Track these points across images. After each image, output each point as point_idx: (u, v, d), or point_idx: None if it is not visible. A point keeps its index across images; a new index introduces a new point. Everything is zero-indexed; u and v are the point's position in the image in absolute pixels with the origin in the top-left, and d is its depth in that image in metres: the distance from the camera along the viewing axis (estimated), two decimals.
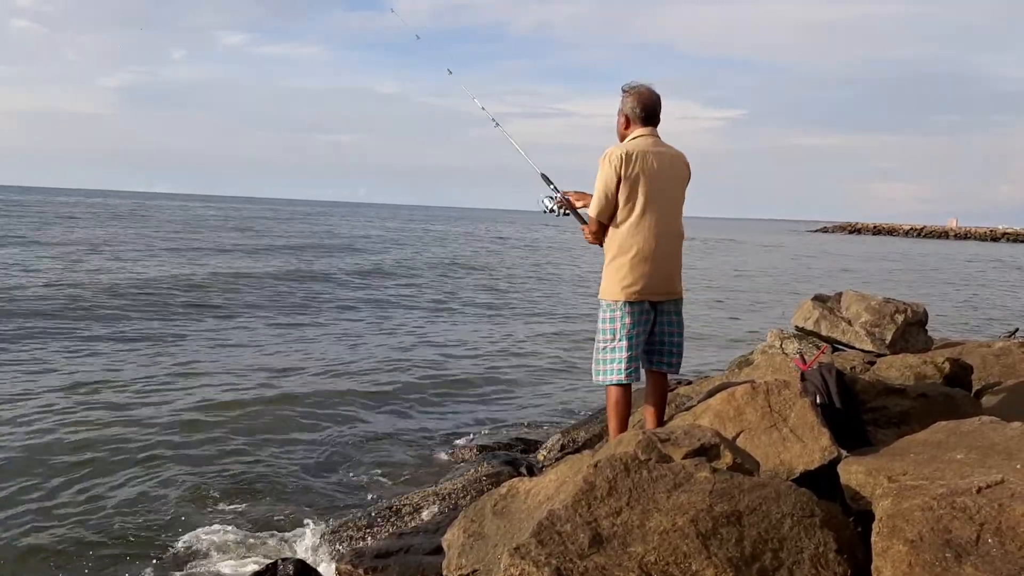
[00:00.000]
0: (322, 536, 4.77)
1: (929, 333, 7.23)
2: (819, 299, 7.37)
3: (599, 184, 4.09)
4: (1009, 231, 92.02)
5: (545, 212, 4.38)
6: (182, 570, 4.66)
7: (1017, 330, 8.27)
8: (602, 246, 4.26)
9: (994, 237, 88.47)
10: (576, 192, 4.42)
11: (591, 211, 4.16)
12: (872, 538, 2.48)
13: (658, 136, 4.20)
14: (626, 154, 4.04)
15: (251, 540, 5.06)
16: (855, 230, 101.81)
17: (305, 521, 5.33)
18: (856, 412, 4.08)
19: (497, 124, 4.81)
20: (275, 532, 5.18)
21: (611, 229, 4.14)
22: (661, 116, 4.25)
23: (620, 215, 4.08)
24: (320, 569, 4.37)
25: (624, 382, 4.13)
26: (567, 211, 4.42)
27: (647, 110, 4.19)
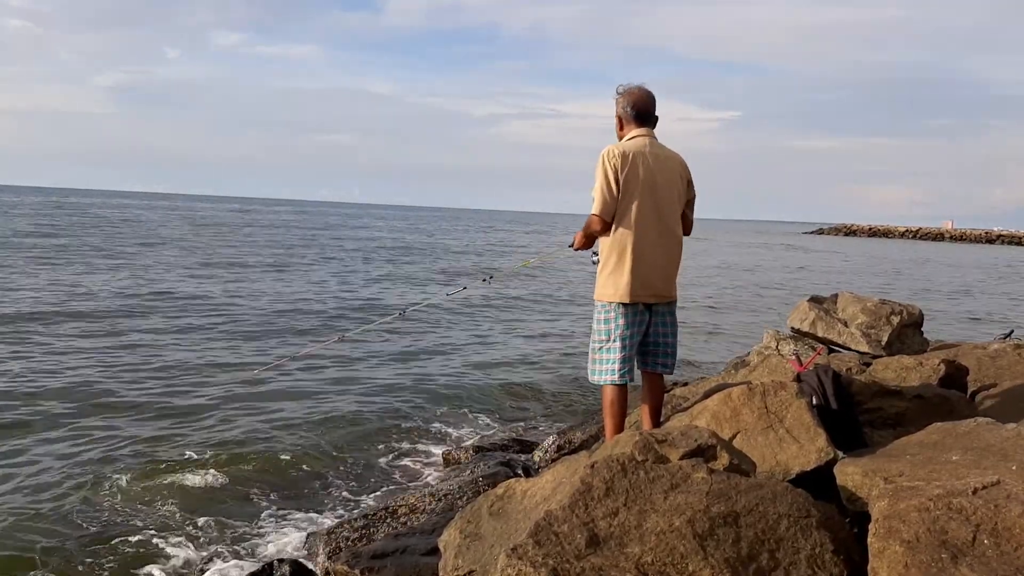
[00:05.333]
0: (318, 537, 4.76)
1: (924, 335, 7.25)
2: (815, 300, 7.39)
3: (598, 182, 4.06)
4: (1004, 233, 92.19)
5: (594, 264, 4.35)
6: (176, 570, 4.65)
7: (1012, 332, 8.29)
8: (587, 249, 4.29)
9: (989, 239, 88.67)
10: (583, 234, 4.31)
11: (593, 209, 4.10)
12: (868, 539, 2.48)
13: (654, 137, 4.19)
14: (622, 153, 4.04)
15: (247, 540, 5.05)
16: (850, 232, 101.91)
17: (301, 522, 5.33)
18: (852, 413, 4.09)
19: None
20: (270, 533, 5.18)
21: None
22: (657, 117, 4.26)
23: (616, 216, 4.08)
24: (316, 570, 4.37)
25: (618, 382, 4.14)
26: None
27: (639, 110, 4.19)
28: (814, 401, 3.97)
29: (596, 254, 4.27)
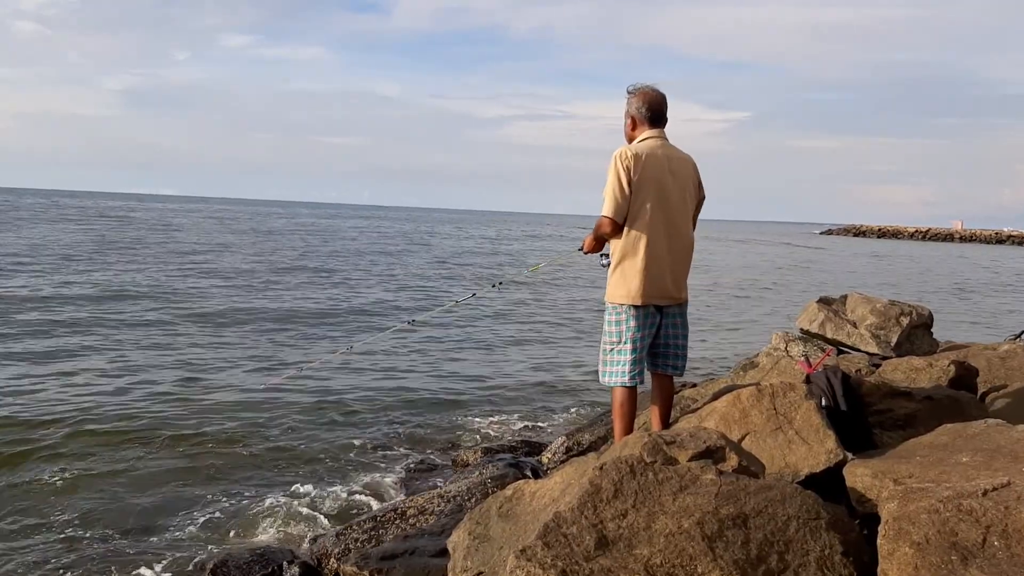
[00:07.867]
0: (327, 538, 4.77)
1: (934, 336, 7.23)
2: (824, 301, 7.38)
3: (611, 183, 4.04)
4: (1015, 233, 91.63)
5: (604, 267, 4.33)
6: (185, 571, 4.67)
7: (1023, 332, 8.24)
8: (597, 252, 4.27)
9: (999, 239, 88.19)
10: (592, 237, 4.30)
11: (604, 211, 4.07)
12: (878, 540, 2.48)
13: (666, 138, 4.19)
14: (635, 155, 4.03)
15: (254, 541, 5.07)
16: (860, 232, 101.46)
17: (310, 523, 5.34)
18: (861, 415, 4.08)
19: None
20: (278, 534, 5.19)
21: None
22: (668, 118, 4.26)
23: (628, 218, 4.07)
24: (325, 571, 4.38)
25: (628, 385, 4.14)
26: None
27: (653, 110, 4.18)
28: (823, 402, 3.97)
29: (606, 256, 4.26)
